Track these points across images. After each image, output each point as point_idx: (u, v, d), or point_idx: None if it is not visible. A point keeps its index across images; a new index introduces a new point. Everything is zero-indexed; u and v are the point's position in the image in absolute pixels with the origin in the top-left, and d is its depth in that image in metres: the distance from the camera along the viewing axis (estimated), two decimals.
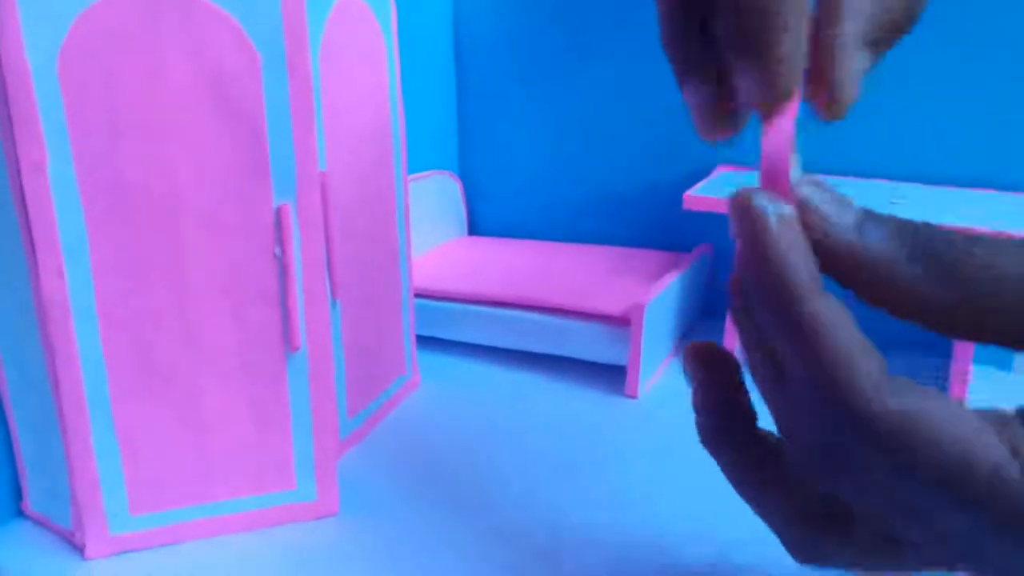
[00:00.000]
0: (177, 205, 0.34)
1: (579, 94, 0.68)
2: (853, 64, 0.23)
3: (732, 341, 0.56)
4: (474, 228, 0.76)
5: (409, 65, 0.65)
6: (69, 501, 0.37)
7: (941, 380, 0.54)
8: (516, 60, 0.70)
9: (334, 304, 0.44)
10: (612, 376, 0.55)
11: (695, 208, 0.54)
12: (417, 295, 0.59)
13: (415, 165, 0.68)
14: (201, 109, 0.33)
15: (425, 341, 0.61)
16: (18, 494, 0.40)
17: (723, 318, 0.66)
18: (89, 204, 0.33)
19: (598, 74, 0.67)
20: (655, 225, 0.68)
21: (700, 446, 0.26)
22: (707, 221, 0.65)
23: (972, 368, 0.54)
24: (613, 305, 0.53)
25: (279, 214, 0.35)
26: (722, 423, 0.27)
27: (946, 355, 0.58)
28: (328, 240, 0.42)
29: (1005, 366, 0.57)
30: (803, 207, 0.22)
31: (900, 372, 0.53)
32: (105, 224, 0.33)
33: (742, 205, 0.22)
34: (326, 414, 0.39)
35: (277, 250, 0.35)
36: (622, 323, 0.53)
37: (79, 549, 0.37)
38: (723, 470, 0.27)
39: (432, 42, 0.70)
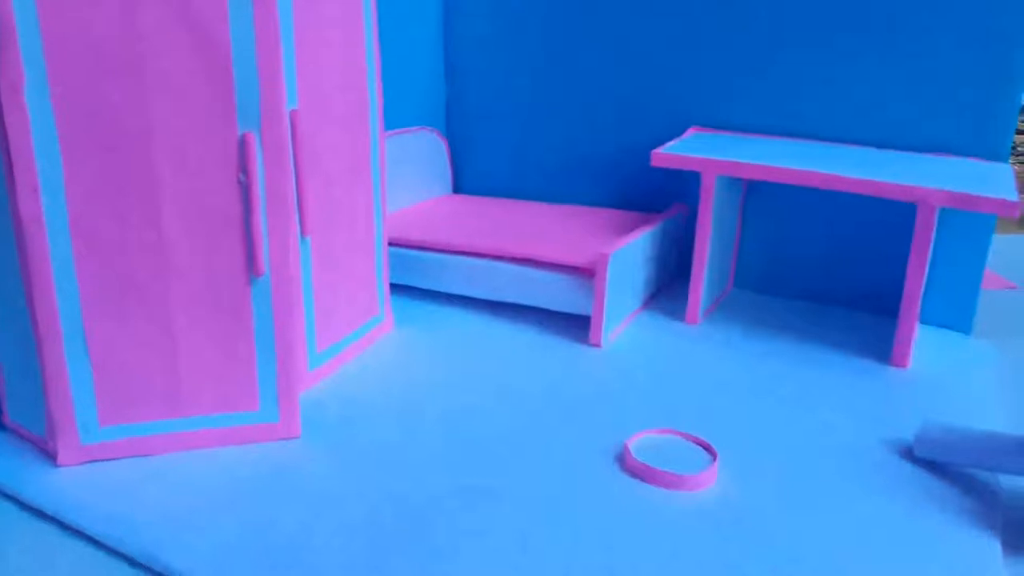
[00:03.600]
0: (147, 129, 0.35)
1: (565, 59, 0.69)
2: None
3: (696, 301, 0.58)
4: (459, 186, 0.77)
5: (398, 24, 0.67)
6: (43, 412, 0.39)
7: (886, 339, 0.55)
8: (504, 25, 0.71)
9: (304, 240, 0.46)
10: (579, 325, 0.57)
11: (663, 165, 0.55)
12: (396, 244, 0.61)
13: (402, 120, 0.69)
14: (172, 37, 0.35)
15: (403, 289, 0.63)
16: None
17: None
18: (63, 125, 0.35)
19: (584, 40, 0.68)
20: (635, 186, 0.69)
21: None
22: (684, 183, 0.66)
23: (919, 328, 0.55)
24: (580, 256, 0.55)
25: (243, 142, 0.37)
26: None
27: (893, 315, 0.59)
28: (299, 177, 0.44)
29: (964, 328, 0.58)
30: None
31: (844, 330, 0.55)
32: (78, 146, 0.35)
33: None
34: (290, 340, 0.41)
35: (241, 177, 0.37)
36: (588, 274, 0.54)
37: (51, 457, 0.39)
38: None
39: (421, 3, 0.71)
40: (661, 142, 0.64)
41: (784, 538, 0.35)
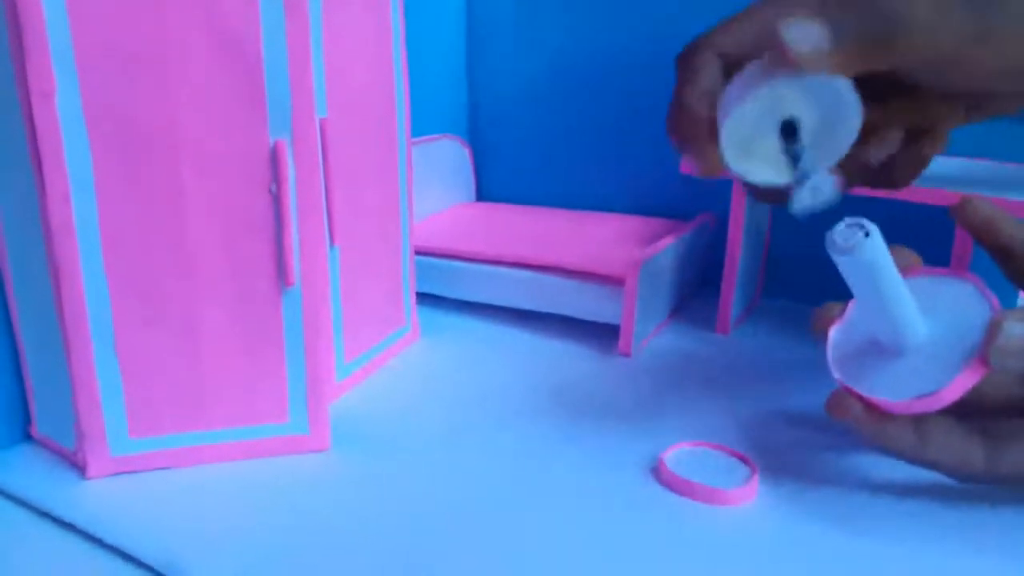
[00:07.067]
0: (177, 136, 0.35)
1: (589, 64, 0.69)
2: None
3: (726, 311, 0.57)
4: (482, 194, 0.77)
5: (421, 31, 0.66)
6: (72, 423, 0.39)
7: None
8: (526, 31, 0.71)
9: (332, 249, 0.45)
10: (607, 334, 0.56)
11: (692, 172, 0.54)
12: (421, 253, 0.60)
13: (425, 128, 0.69)
14: (200, 44, 0.34)
15: (427, 298, 0.63)
16: (27, 419, 0.42)
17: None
18: (94, 133, 0.34)
19: (608, 45, 0.68)
20: (660, 194, 0.69)
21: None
22: (711, 190, 0.66)
23: None
24: (609, 265, 0.54)
25: (275, 150, 0.36)
26: None
27: None
28: (328, 185, 0.43)
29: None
30: None
31: None
32: (109, 153, 0.35)
33: None
34: (319, 352, 0.40)
35: (272, 186, 0.37)
36: (617, 282, 0.54)
37: (80, 469, 0.39)
38: None
39: (444, 10, 0.71)
40: None
41: (828, 555, 0.34)
